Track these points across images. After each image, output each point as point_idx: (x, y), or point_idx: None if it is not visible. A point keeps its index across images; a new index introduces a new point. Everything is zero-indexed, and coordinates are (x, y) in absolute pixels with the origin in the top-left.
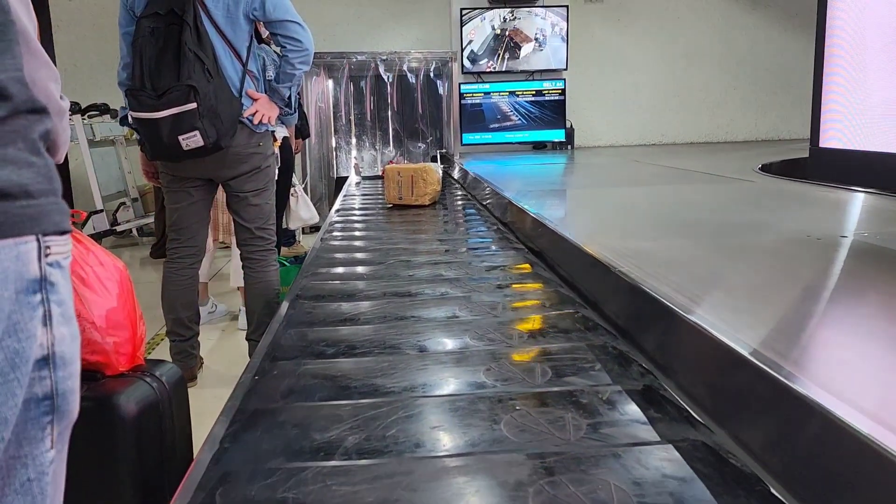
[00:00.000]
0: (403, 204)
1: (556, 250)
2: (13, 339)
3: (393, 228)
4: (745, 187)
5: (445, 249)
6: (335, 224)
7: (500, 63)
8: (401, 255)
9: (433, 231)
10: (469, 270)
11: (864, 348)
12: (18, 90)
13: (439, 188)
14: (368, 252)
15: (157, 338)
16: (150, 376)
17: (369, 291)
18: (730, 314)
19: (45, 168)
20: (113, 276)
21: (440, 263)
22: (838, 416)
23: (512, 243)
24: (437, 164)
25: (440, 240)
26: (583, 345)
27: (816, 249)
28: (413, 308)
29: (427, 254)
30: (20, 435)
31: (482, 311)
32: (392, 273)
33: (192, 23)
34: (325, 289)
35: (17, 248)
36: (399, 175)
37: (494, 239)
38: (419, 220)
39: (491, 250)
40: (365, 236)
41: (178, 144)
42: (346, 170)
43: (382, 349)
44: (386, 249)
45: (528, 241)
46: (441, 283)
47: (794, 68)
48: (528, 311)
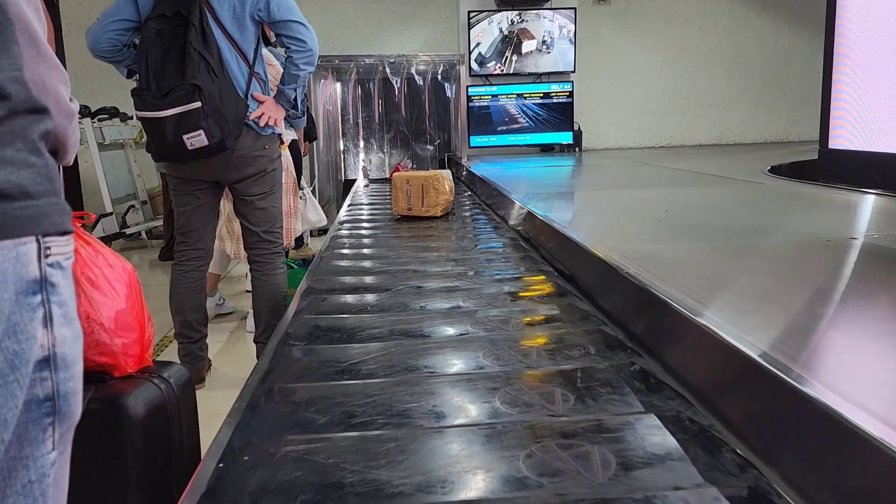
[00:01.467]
0: (413, 215)
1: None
2: (13, 341)
3: (401, 245)
4: (755, 189)
5: (461, 273)
6: (338, 240)
7: (508, 65)
8: (410, 280)
9: (446, 249)
10: (490, 300)
11: (877, 350)
12: (17, 90)
13: (452, 198)
14: (374, 275)
15: (165, 340)
16: (159, 378)
17: (374, 329)
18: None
19: (46, 168)
20: (121, 277)
21: (456, 291)
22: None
23: (537, 263)
24: (447, 172)
25: (454, 260)
26: (652, 415)
27: (827, 252)
28: (426, 354)
29: (440, 278)
30: (21, 436)
31: (510, 359)
32: (400, 303)
33: (197, 24)
34: (321, 325)
35: (16, 250)
36: (408, 184)
37: (516, 259)
38: (430, 236)
39: (513, 272)
40: (370, 255)
41: (182, 144)
42: (354, 172)
43: (388, 417)
44: (394, 272)
45: (555, 261)
46: (458, 317)
47: (804, 70)
48: (569, 358)
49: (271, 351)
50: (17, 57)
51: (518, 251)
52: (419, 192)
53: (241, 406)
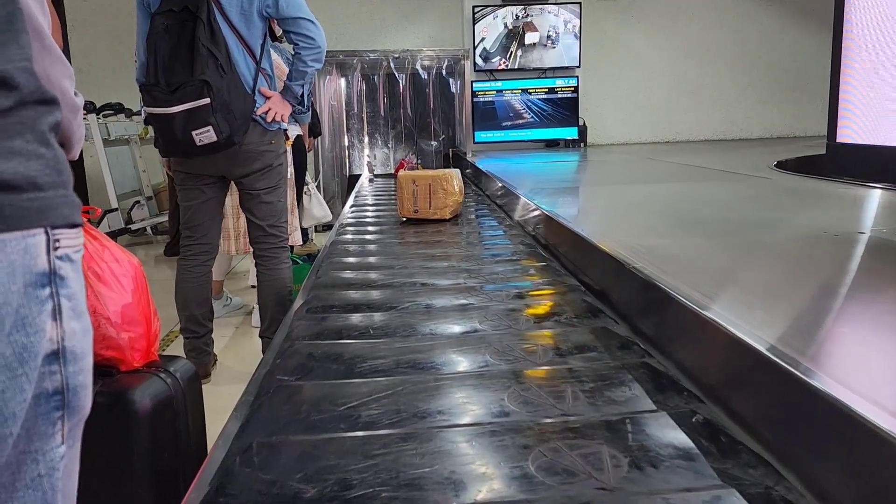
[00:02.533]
0: (419, 218)
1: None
2: (21, 334)
3: (407, 253)
4: (762, 184)
5: (474, 287)
6: (339, 246)
7: (513, 61)
8: (418, 295)
9: (456, 257)
10: (510, 322)
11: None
12: (26, 80)
13: (461, 199)
14: (377, 289)
15: (171, 335)
16: (165, 372)
17: (377, 359)
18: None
19: (55, 160)
20: (128, 272)
21: (469, 311)
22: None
23: (560, 275)
24: (457, 171)
25: (467, 271)
26: (731, 489)
27: (834, 246)
28: (438, 394)
29: (451, 293)
30: (30, 430)
31: (541, 403)
32: (407, 325)
33: (205, 19)
34: (316, 353)
35: (24, 242)
36: (414, 184)
37: (535, 270)
38: (438, 242)
39: (533, 286)
40: (373, 264)
41: (191, 140)
42: (359, 168)
43: (394, 489)
44: (399, 285)
45: (580, 273)
46: (474, 344)
47: (810, 65)
48: (613, 402)
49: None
50: (27, 47)
51: (536, 259)
52: (426, 192)
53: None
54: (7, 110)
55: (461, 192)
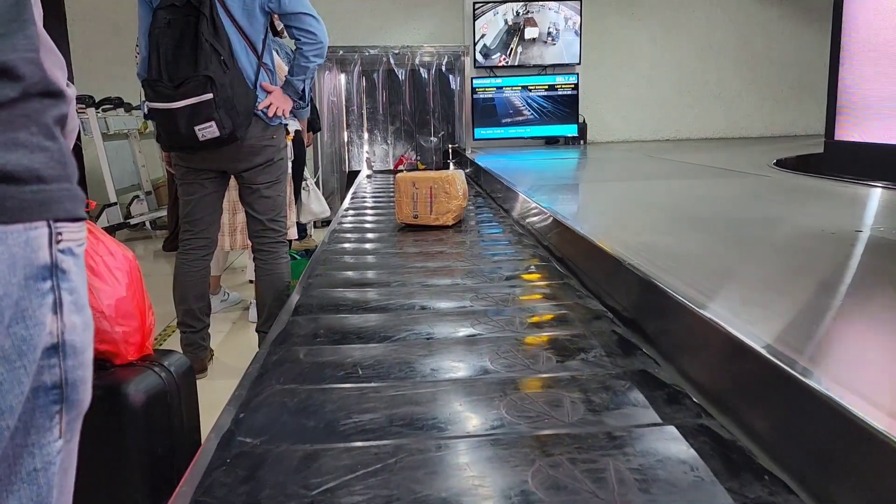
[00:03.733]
0: (419, 224)
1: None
2: (21, 326)
3: (405, 266)
4: (761, 182)
5: (483, 312)
6: (330, 256)
7: (513, 57)
8: (418, 322)
9: (461, 273)
10: (529, 359)
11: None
12: (31, 71)
13: (465, 203)
14: (370, 312)
15: (168, 329)
16: (159, 366)
17: (363, 413)
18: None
19: (59, 153)
20: (122, 265)
21: (479, 343)
22: None
23: (582, 297)
24: (461, 173)
25: (473, 290)
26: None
27: (831, 244)
28: (441, 471)
29: (457, 319)
30: (28, 423)
31: (578, 486)
32: (403, 363)
33: (208, 14)
34: (290, 404)
35: (26, 234)
36: (414, 186)
37: (552, 289)
38: (440, 253)
39: (552, 311)
40: (366, 281)
41: (194, 135)
42: (358, 164)
43: None
44: (396, 309)
45: (606, 295)
46: (486, 392)
47: (811, 64)
48: (671, 492)
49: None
50: (34, 38)
51: (551, 275)
52: (427, 196)
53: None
54: (11, 101)
55: (465, 196)
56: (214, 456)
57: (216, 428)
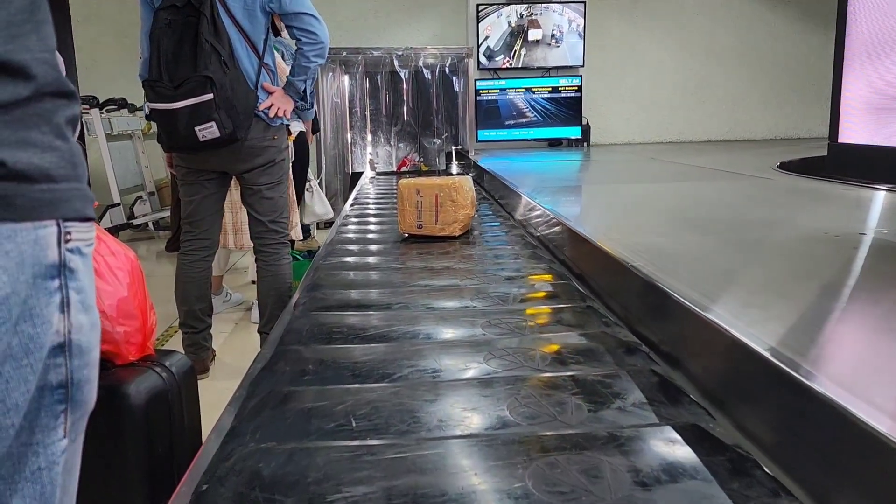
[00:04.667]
0: (424, 234)
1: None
2: (28, 325)
3: (409, 284)
4: (764, 185)
5: (496, 340)
6: (327, 272)
7: (517, 59)
8: (422, 357)
9: (470, 293)
10: (555, 406)
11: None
12: (44, 71)
13: (473, 212)
14: (367, 342)
15: (170, 330)
16: (160, 366)
17: (354, 486)
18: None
19: (70, 153)
20: (124, 265)
21: (495, 385)
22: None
23: (609, 325)
24: (468, 179)
25: (485, 315)
26: None
27: (834, 247)
28: None
29: (468, 351)
30: (32, 422)
31: None
32: (405, 410)
33: (209, 14)
34: (263, 469)
35: (35, 233)
36: (418, 194)
37: (574, 314)
38: (447, 269)
39: (575, 340)
40: (365, 301)
41: (194, 135)
42: (361, 165)
43: None
44: (397, 338)
45: (637, 323)
46: (509, 458)
47: (816, 66)
48: None
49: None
50: (49, 38)
51: (571, 297)
52: (432, 204)
53: None
54: (24, 101)
55: (473, 205)
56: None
57: (216, 429)
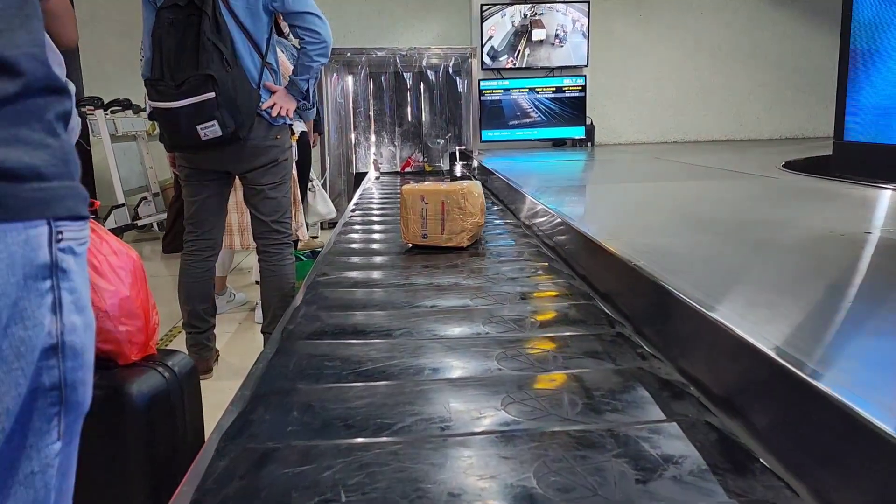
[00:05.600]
0: (429, 245)
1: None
2: (19, 327)
3: (412, 305)
4: (769, 184)
5: (516, 376)
6: (323, 290)
7: (521, 59)
8: (428, 403)
9: (482, 316)
10: (593, 473)
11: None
12: (33, 67)
13: (483, 220)
14: (364, 379)
15: (174, 330)
16: (163, 366)
17: None
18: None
19: (62, 151)
20: (126, 265)
21: (518, 439)
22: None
23: (645, 358)
24: (477, 185)
25: (500, 343)
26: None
27: (840, 246)
28: None
29: (483, 393)
30: (25, 426)
31: None
32: (407, 479)
33: (211, 14)
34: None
35: (25, 233)
36: (423, 201)
37: (601, 343)
38: (455, 286)
39: (606, 379)
40: (363, 326)
41: (196, 134)
42: (365, 165)
43: None
44: (397, 375)
45: (680, 357)
46: None
47: (821, 65)
48: None
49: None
50: (38, 33)
51: (597, 321)
52: (438, 212)
53: None
54: (12, 97)
55: (483, 212)
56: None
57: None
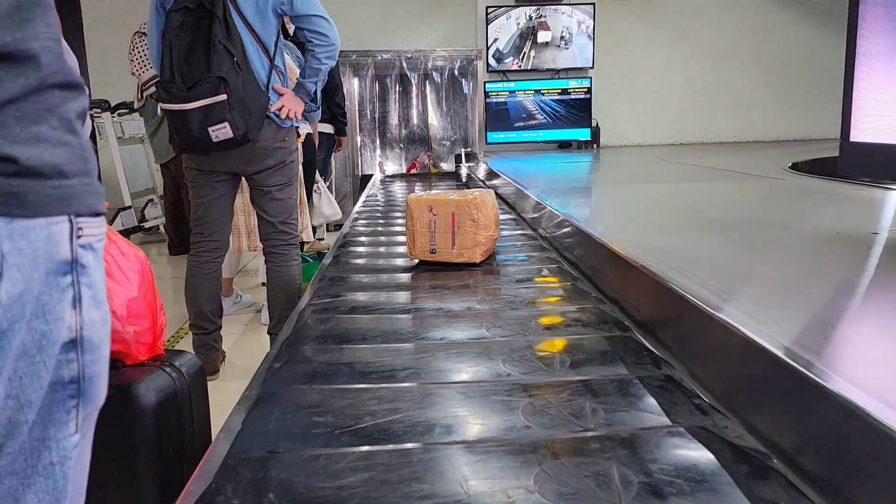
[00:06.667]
0: (438, 261)
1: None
2: (41, 321)
3: (419, 337)
4: (776, 185)
5: (551, 441)
6: (313, 317)
7: (526, 61)
8: (440, 477)
9: (502, 351)
10: None
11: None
12: (49, 60)
13: (497, 233)
14: (359, 441)
15: (181, 331)
16: (170, 366)
17: None
18: None
19: (80, 148)
20: (134, 265)
21: None
22: None
23: (707, 413)
24: (491, 194)
25: (525, 389)
26: None
27: (847, 246)
28: None
29: (508, 458)
30: (45, 418)
31: None
32: None
33: (221, 16)
34: None
35: (48, 229)
36: (432, 213)
37: (655, 389)
38: (468, 312)
39: (665, 439)
40: (360, 368)
41: (207, 136)
42: (371, 168)
43: None
44: (400, 435)
45: (749, 412)
46: None
47: (828, 67)
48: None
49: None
50: (55, 24)
51: (639, 358)
52: (448, 225)
53: None
54: (32, 91)
55: (497, 225)
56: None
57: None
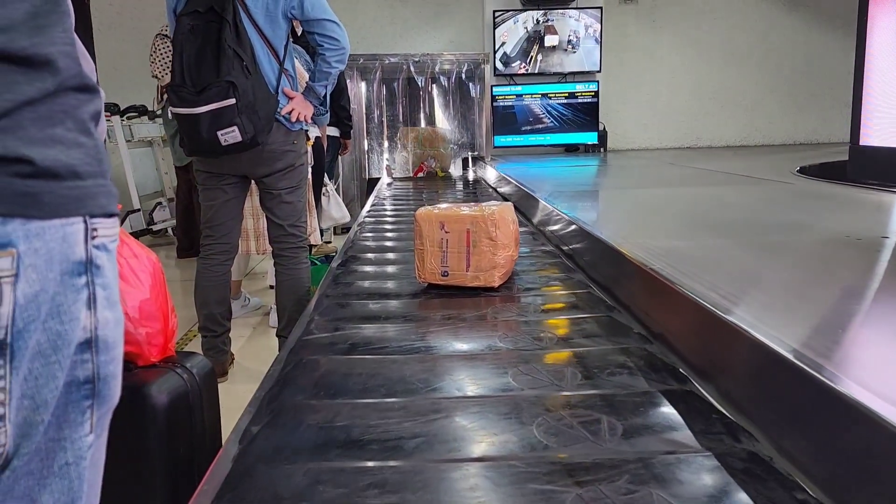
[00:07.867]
0: (451, 284)
1: None
2: (56, 321)
3: (430, 386)
4: (784, 189)
5: None
6: (310, 354)
7: (533, 65)
8: None
9: (531, 406)
10: None
11: None
12: (67, 64)
13: (517, 253)
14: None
15: (189, 333)
16: (181, 368)
17: None
18: None
19: (95, 149)
20: (146, 267)
21: None
22: None
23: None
24: (510, 207)
25: (568, 471)
26: None
27: (857, 250)
28: None
29: None
30: (60, 418)
31: None
32: None
33: (231, 20)
34: None
35: (63, 230)
36: (443, 230)
37: (733, 467)
38: (487, 352)
39: None
40: (355, 434)
41: (216, 140)
42: (378, 171)
43: None
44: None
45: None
46: None
47: (835, 70)
48: None
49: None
50: (71, 29)
51: (705, 421)
52: (462, 244)
53: None
54: (49, 95)
55: (517, 243)
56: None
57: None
